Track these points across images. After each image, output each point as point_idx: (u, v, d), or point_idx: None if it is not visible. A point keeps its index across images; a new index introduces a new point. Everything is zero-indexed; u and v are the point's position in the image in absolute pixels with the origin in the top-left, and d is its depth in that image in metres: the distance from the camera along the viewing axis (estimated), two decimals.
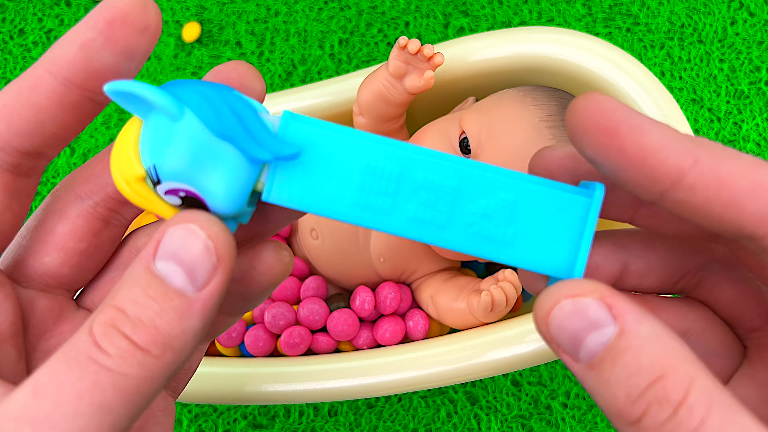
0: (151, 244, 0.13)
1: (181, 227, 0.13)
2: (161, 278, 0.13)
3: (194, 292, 0.13)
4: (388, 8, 0.47)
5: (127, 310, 0.13)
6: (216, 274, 0.13)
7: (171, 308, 0.13)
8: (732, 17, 0.46)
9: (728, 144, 0.44)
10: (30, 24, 0.48)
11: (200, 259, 0.13)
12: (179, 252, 0.13)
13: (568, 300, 0.13)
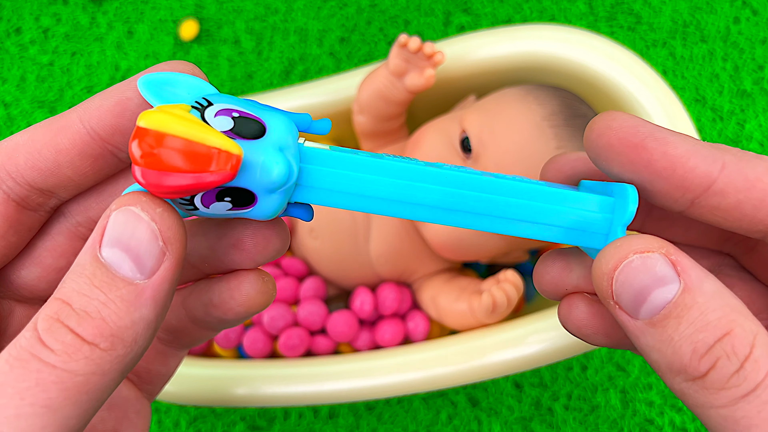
0: (97, 230, 0.13)
1: (124, 210, 0.13)
2: (107, 266, 0.12)
3: (143, 280, 0.12)
4: (388, 6, 0.47)
5: (72, 302, 0.12)
6: (165, 260, 0.13)
7: (118, 298, 0.12)
8: (735, 15, 0.46)
9: (731, 143, 0.44)
10: (26, 22, 0.48)
11: (146, 244, 0.12)
12: (123, 237, 0.12)
13: (638, 255, 0.13)
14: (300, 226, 0.36)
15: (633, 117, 0.14)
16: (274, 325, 0.33)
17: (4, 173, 0.14)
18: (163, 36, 0.47)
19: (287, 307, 0.34)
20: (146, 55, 0.47)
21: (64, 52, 0.47)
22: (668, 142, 0.14)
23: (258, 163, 0.13)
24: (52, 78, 0.46)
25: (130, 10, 0.48)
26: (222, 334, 0.34)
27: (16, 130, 0.45)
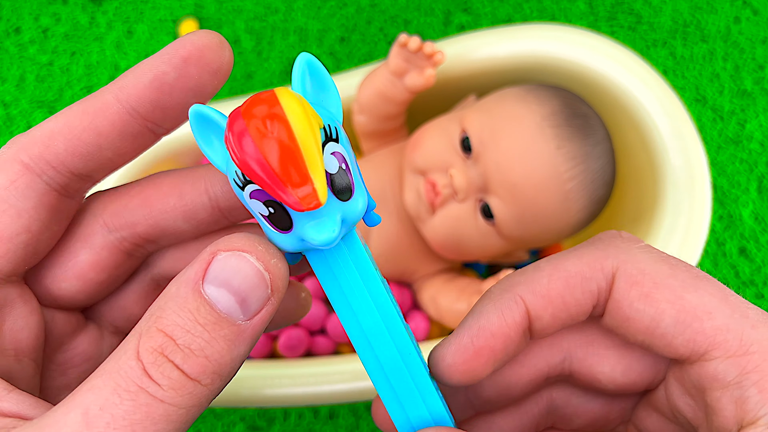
0: (198, 264, 0.13)
1: (237, 255, 0.13)
2: (211, 304, 0.12)
3: (244, 321, 0.13)
4: (388, 6, 0.47)
5: (177, 337, 0.12)
6: (267, 305, 0.13)
7: (221, 337, 0.12)
8: (736, 15, 0.46)
9: (731, 143, 0.44)
10: (26, 22, 0.48)
11: (255, 289, 0.13)
12: (233, 280, 0.13)
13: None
14: None
15: (452, 337, 0.15)
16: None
17: (43, 164, 0.14)
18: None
19: None
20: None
21: (63, 51, 0.47)
22: (474, 330, 0.15)
23: (320, 217, 0.13)
24: (51, 78, 0.46)
25: (129, 9, 0.48)
26: None
27: (15, 129, 0.45)
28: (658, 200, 0.32)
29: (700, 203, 0.31)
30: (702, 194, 0.31)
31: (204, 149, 0.14)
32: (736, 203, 0.43)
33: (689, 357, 0.14)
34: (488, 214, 0.30)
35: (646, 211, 0.33)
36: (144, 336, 0.12)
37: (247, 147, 0.12)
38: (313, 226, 0.13)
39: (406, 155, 0.32)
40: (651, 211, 0.32)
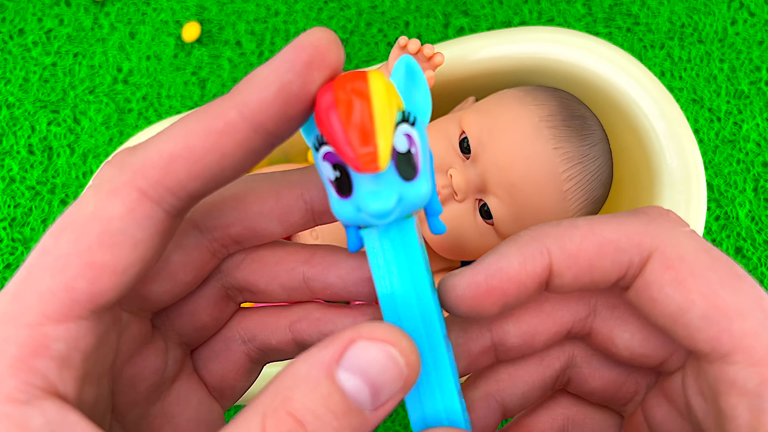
0: (333, 348, 0.12)
1: (379, 347, 0.12)
2: (344, 392, 0.12)
3: (371, 412, 0.12)
4: (388, 8, 0.47)
5: (307, 422, 0.12)
6: (395, 397, 0.13)
7: (349, 426, 0.12)
8: (732, 17, 0.46)
9: (728, 144, 0.44)
10: (29, 24, 0.48)
11: (390, 384, 0.12)
12: (371, 371, 0.12)
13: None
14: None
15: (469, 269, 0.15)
16: None
17: (163, 190, 0.13)
18: (165, 37, 0.47)
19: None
20: (148, 56, 0.47)
21: (66, 53, 0.47)
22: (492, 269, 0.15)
23: (379, 187, 0.13)
24: (54, 79, 0.47)
25: (132, 11, 0.48)
26: None
27: (19, 130, 0.46)
28: (655, 200, 0.32)
29: (696, 203, 0.32)
30: (698, 194, 0.32)
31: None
32: (732, 203, 0.43)
33: (709, 355, 0.14)
34: (487, 214, 0.31)
35: None
36: (271, 417, 0.12)
37: (326, 104, 0.13)
38: (370, 194, 0.13)
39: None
40: None
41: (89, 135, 0.45)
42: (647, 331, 0.16)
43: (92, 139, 0.45)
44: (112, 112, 0.46)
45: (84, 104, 0.46)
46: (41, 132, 0.45)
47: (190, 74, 0.46)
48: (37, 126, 0.46)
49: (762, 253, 0.43)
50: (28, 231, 0.43)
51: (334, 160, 0.13)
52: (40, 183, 0.44)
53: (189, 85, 0.46)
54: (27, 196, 0.44)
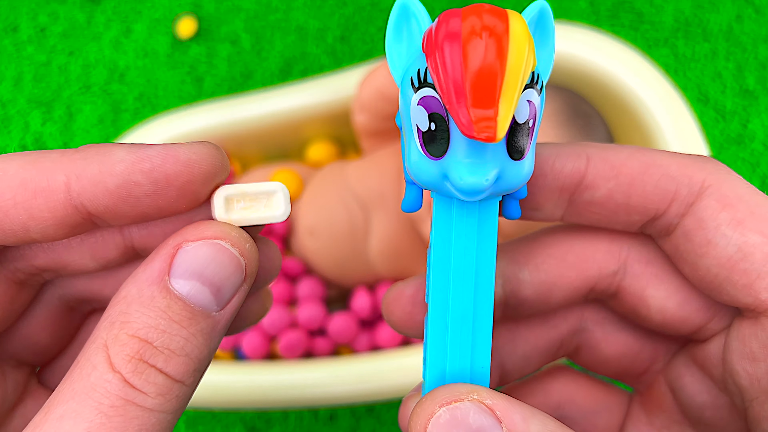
0: (159, 260, 0.12)
1: (209, 244, 0.12)
2: (183, 299, 0.11)
3: (218, 312, 0.12)
4: (388, 5, 0.47)
5: (153, 339, 0.11)
6: (240, 291, 0.12)
7: (199, 332, 0.12)
8: (738, 14, 0.46)
9: (734, 143, 0.44)
10: (24, 21, 0.47)
11: (230, 277, 0.12)
12: (206, 271, 0.12)
13: (444, 409, 0.11)
14: (300, 227, 0.35)
15: None
16: (272, 326, 0.33)
17: None
18: (161, 35, 0.47)
19: (285, 307, 0.34)
20: (144, 53, 0.46)
21: (61, 50, 0.47)
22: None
23: (479, 158, 0.11)
24: (49, 77, 0.46)
25: (127, 8, 0.47)
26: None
27: (13, 128, 0.45)
28: None
29: None
30: None
31: (389, 44, 0.12)
32: None
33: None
34: None
35: None
36: (113, 345, 0.11)
37: (450, 45, 0.10)
38: (467, 165, 0.11)
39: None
40: None
41: (84, 134, 0.45)
42: (687, 291, 0.14)
43: (87, 138, 0.45)
44: (107, 111, 0.45)
45: (79, 102, 0.45)
46: (35, 130, 0.45)
47: (186, 72, 0.46)
48: (31, 124, 0.45)
49: None
50: None
51: (434, 109, 0.11)
52: None
53: (185, 82, 0.46)
54: None
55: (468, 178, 0.11)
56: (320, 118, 0.36)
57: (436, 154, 0.11)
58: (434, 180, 0.12)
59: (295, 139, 0.38)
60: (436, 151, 0.11)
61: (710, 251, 0.12)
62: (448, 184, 0.11)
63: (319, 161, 0.38)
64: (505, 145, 0.11)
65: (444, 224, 0.13)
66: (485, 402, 0.11)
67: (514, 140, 0.11)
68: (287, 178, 0.36)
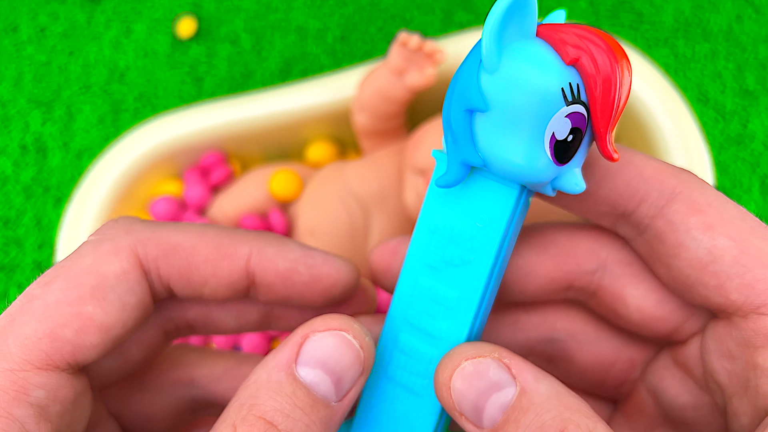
0: (288, 348, 0.12)
1: (334, 335, 0.13)
2: (308, 387, 0.12)
3: (337, 402, 0.13)
4: (389, 4, 0.47)
5: (278, 423, 0.12)
6: (357, 383, 0.13)
7: (319, 420, 0.12)
8: (738, 14, 0.46)
9: (734, 143, 0.44)
10: (23, 21, 0.47)
11: (350, 367, 0.13)
12: (329, 360, 0.12)
13: (469, 362, 0.13)
14: (300, 227, 0.35)
15: None
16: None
17: (154, 268, 0.14)
18: (161, 35, 0.47)
19: None
20: (144, 53, 0.46)
21: (61, 50, 0.47)
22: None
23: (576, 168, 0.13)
24: (49, 77, 0.46)
25: (127, 8, 0.47)
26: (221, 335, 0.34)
27: (13, 128, 0.45)
28: None
29: None
30: None
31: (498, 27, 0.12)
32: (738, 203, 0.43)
33: (741, 307, 0.13)
34: None
35: None
36: (242, 425, 0.12)
37: (608, 79, 0.12)
38: (575, 174, 0.13)
39: (406, 155, 0.32)
40: None
41: (84, 134, 0.45)
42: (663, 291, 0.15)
43: (87, 138, 0.45)
44: (107, 111, 0.45)
45: (79, 102, 0.45)
46: (35, 130, 0.45)
47: (186, 72, 0.46)
48: (31, 124, 0.45)
49: None
50: (22, 231, 0.43)
51: (577, 124, 0.12)
52: (34, 182, 0.44)
53: (185, 82, 0.46)
54: (21, 196, 0.44)
55: (582, 184, 0.13)
56: (320, 118, 0.36)
57: (562, 160, 0.13)
58: (541, 179, 0.13)
59: (295, 139, 0.38)
60: (563, 156, 0.13)
61: (682, 253, 0.13)
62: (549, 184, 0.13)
63: (319, 161, 0.38)
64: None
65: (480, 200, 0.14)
66: (504, 360, 0.13)
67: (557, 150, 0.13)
68: (287, 178, 0.36)
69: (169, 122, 0.36)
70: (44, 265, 0.42)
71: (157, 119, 0.36)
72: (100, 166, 0.35)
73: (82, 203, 0.34)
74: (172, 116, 0.36)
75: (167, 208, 0.35)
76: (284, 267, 0.14)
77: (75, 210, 0.34)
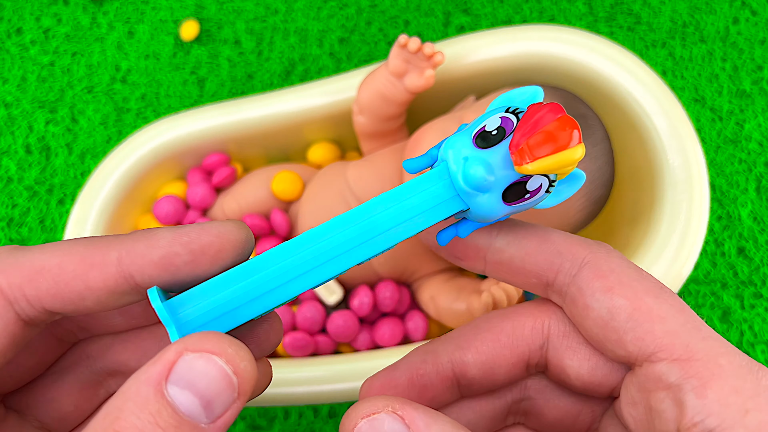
0: (160, 364, 0.12)
1: (205, 358, 0.12)
2: (174, 406, 0.12)
3: (207, 424, 0.12)
4: (388, 6, 0.47)
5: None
6: (232, 408, 0.13)
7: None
8: (734, 16, 0.46)
9: (730, 143, 0.44)
10: (27, 23, 0.48)
11: (222, 395, 0.12)
12: (200, 384, 0.12)
13: (364, 420, 0.13)
14: (301, 227, 0.36)
15: None
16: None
17: (20, 295, 0.14)
18: (164, 36, 0.47)
19: (287, 307, 0.34)
20: (147, 55, 0.47)
21: (64, 52, 0.47)
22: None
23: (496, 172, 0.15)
24: (52, 78, 0.47)
25: (130, 10, 0.48)
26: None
27: (17, 130, 0.45)
28: (657, 200, 0.32)
29: (699, 203, 0.31)
30: (700, 194, 0.31)
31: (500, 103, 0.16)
32: (734, 203, 0.43)
33: (637, 357, 0.14)
34: None
35: (645, 211, 0.33)
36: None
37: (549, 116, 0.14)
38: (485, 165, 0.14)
39: (406, 156, 0.33)
40: (649, 210, 0.32)
41: (87, 134, 0.45)
42: (596, 358, 0.16)
43: (90, 139, 0.45)
44: (110, 112, 0.45)
45: (82, 103, 0.46)
46: (39, 131, 0.45)
47: (188, 73, 0.46)
48: (35, 125, 0.45)
49: (764, 253, 0.42)
50: (25, 231, 0.43)
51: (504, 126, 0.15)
52: (38, 183, 0.44)
53: (188, 84, 0.46)
54: (25, 196, 0.44)
55: (478, 170, 0.14)
56: (321, 120, 0.36)
57: (479, 146, 0.15)
58: (457, 155, 0.15)
59: (297, 140, 0.38)
60: (481, 143, 0.15)
61: (589, 314, 0.15)
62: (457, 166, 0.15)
63: (320, 163, 0.39)
64: (505, 187, 0.15)
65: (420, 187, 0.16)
66: (397, 412, 0.13)
67: (512, 189, 0.15)
68: (288, 180, 0.36)
69: (173, 124, 0.36)
70: None
71: (161, 121, 0.37)
72: (104, 166, 0.36)
73: (87, 203, 0.35)
74: (175, 118, 0.37)
75: (170, 208, 0.36)
76: (159, 255, 0.14)
77: (80, 210, 0.35)
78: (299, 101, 0.36)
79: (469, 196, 0.15)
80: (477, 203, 0.15)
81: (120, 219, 0.36)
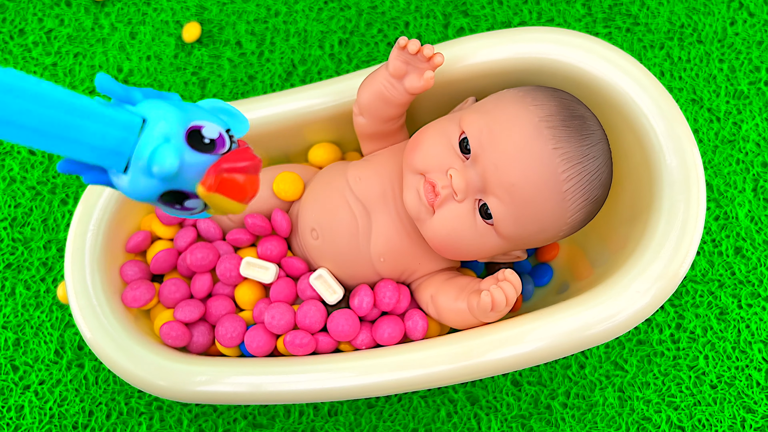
0: None
1: None
2: None
3: None
4: (388, 8, 0.47)
5: None
6: None
7: None
8: (732, 17, 0.46)
9: (728, 144, 0.44)
10: (30, 24, 0.48)
11: None
12: None
13: None
14: (302, 226, 0.36)
15: None
16: (275, 324, 0.34)
17: None
18: (166, 38, 0.47)
19: (287, 306, 0.35)
20: (148, 56, 0.47)
21: (67, 53, 0.47)
22: None
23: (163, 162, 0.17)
24: (55, 79, 0.47)
25: (132, 11, 0.48)
26: (224, 333, 0.34)
27: None
28: (654, 200, 0.32)
29: (696, 203, 0.32)
30: (697, 194, 0.32)
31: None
32: (732, 203, 0.43)
33: None
34: (487, 215, 0.31)
35: (643, 211, 0.33)
36: None
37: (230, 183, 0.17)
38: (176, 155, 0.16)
39: (406, 156, 0.33)
40: (647, 211, 0.33)
41: None
42: None
43: None
44: None
45: None
46: None
47: (190, 74, 0.46)
48: None
49: (761, 253, 0.43)
50: (28, 231, 0.43)
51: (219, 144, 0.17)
52: (40, 183, 0.44)
53: (189, 85, 0.46)
54: (27, 196, 0.44)
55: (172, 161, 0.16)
56: (322, 121, 0.37)
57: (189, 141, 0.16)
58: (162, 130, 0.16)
59: (297, 141, 0.38)
60: (190, 139, 0.16)
61: None
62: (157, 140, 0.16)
63: (321, 164, 0.39)
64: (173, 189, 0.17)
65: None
66: None
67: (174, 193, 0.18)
68: (289, 180, 0.36)
69: None
70: (50, 264, 0.43)
71: None
72: None
73: (90, 203, 0.35)
74: None
75: None
76: None
77: (82, 210, 0.35)
78: (300, 102, 0.36)
79: (135, 168, 0.15)
80: (134, 177, 0.16)
81: (122, 219, 0.36)
